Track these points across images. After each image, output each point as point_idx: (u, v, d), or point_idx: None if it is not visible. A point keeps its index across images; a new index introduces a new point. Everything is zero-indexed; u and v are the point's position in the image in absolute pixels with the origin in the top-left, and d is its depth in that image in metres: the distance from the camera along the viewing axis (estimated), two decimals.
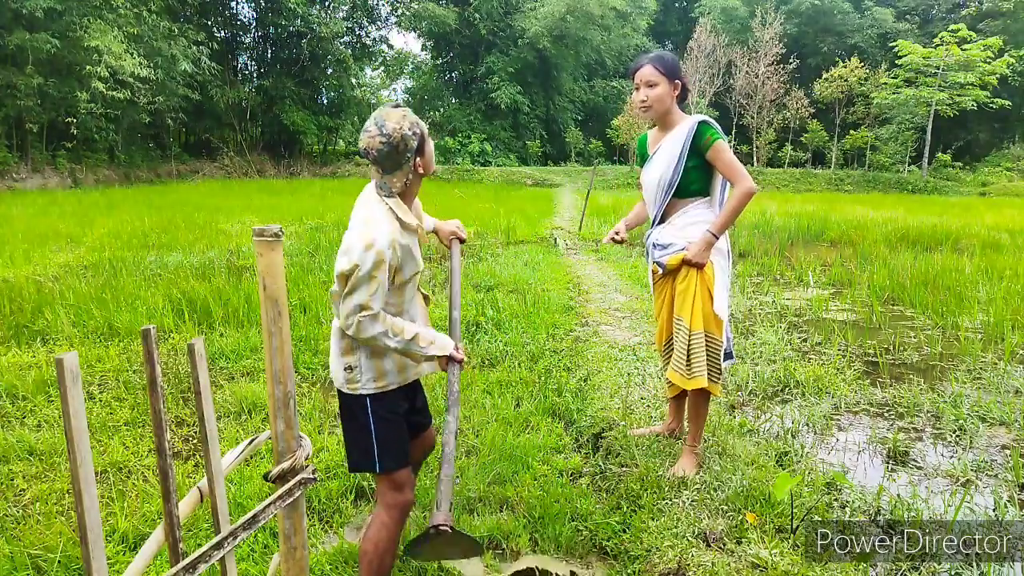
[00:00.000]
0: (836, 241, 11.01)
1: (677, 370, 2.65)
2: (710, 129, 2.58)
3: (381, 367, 1.91)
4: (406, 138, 1.83)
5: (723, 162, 2.58)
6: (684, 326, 2.62)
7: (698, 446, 2.80)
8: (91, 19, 19.82)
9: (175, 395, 3.72)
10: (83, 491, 0.85)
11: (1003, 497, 2.70)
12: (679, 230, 2.68)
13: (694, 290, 2.62)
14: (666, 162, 2.65)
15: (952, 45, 28.84)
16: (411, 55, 39.47)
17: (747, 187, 2.55)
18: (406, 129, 1.83)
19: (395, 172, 1.87)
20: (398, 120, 1.83)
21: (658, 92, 2.59)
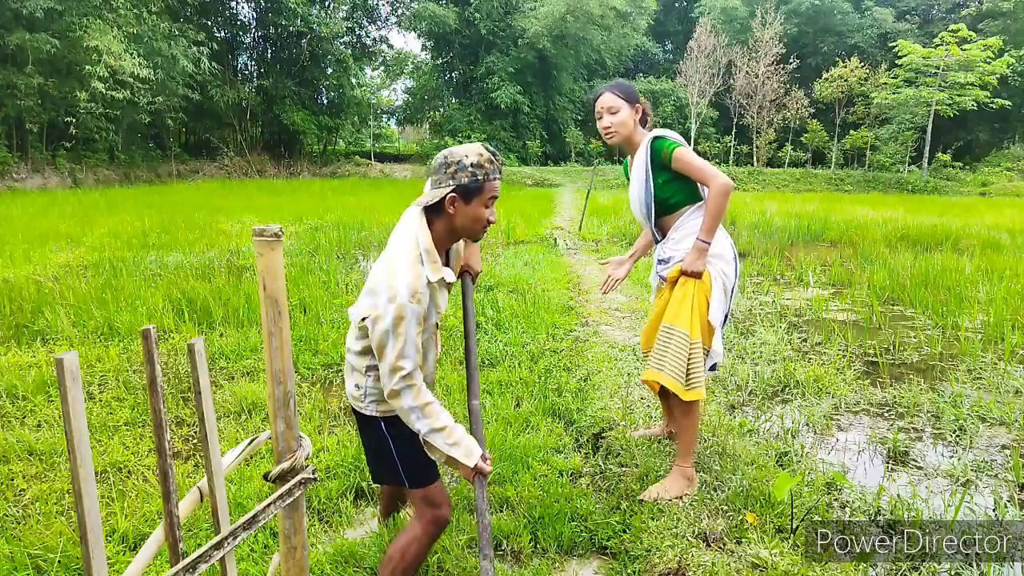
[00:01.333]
0: (836, 241, 11.01)
1: (675, 377, 2.51)
2: (664, 142, 2.58)
3: None
4: (460, 166, 1.77)
5: (690, 167, 2.55)
6: (683, 335, 2.53)
7: (688, 465, 2.63)
8: (91, 19, 19.84)
9: (175, 395, 3.72)
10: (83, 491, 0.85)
11: (1003, 497, 2.70)
12: (677, 243, 2.69)
13: (691, 299, 2.56)
14: (638, 185, 2.69)
15: (952, 45, 28.86)
16: (411, 55, 39.50)
17: (720, 184, 2.49)
18: (467, 161, 1.78)
19: (433, 189, 1.84)
20: (470, 152, 1.80)
21: (620, 117, 2.61)
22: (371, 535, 2.38)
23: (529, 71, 34.56)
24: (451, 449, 1.75)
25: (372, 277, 1.78)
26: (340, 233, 9.87)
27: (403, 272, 1.72)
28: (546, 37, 32.61)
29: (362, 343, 1.82)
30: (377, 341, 1.70)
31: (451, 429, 1.76)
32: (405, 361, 1.69)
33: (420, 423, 1.73)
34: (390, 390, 1.71)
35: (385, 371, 1.71)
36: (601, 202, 16.77)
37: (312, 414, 3.45)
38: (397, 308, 1.67)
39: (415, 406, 1.72)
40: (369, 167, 32.45)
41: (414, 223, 1.83)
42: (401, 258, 1.75)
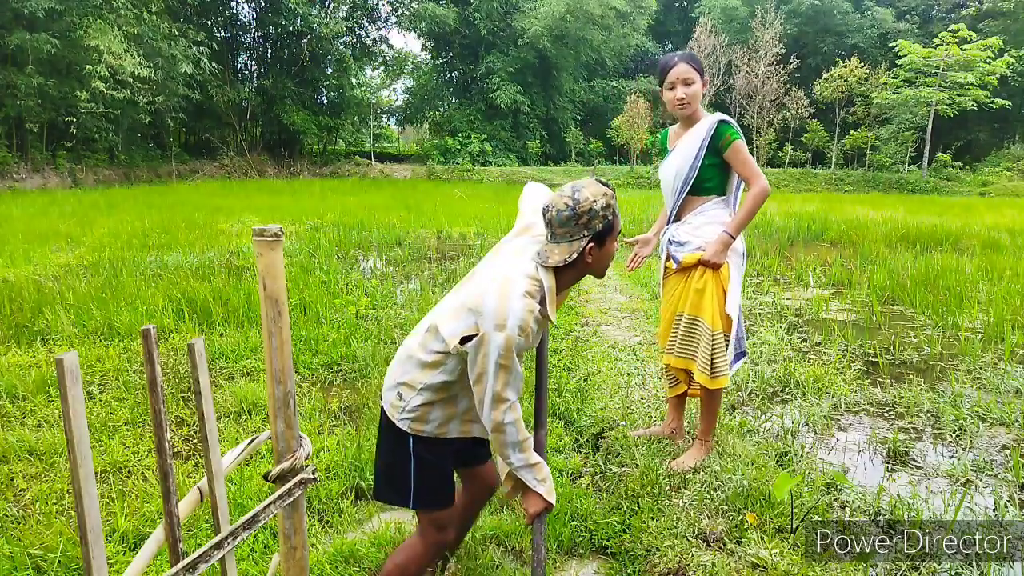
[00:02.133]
0: (836, 241, 11.01)
1: (703, 371, 2.68)
2: (730, 128, 2.63)
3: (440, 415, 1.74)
4: (592, 213, 1.65)
5: (740, 162, 2.63)
6: (705, 326, 2.66)
7: (708, 440, 2.87)
8: (91, 19, 19.84)
9: (175, 395, 3.72)
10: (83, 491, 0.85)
11: (1003, 497, 2.69)
12: (695, 229, 2.72)
13: (712, 290, 2.65)
14: (684, 158, 2.70)
15: (952, 45, 28.85)
16: (411, 55, 39.50)
17: (763, 187, 2.61)
18: (598, 206, 1.65)
19: (562, 243, 1.66)
20: (596, 194, 1.67)
21: (695, 89, 2.64)
22: (371, 535, 2.38)
23: (529, 71, 34.56)
24: (538, 485, 1.75)
25: (474, 293, 1.66)
26: (340, 233, 9.87)
27: (517, 302, 1.60)
28: (546, 37, 32.61)
29: (435, 356, 1.69)
30: (478, 368, 1.61)
31: (541, 465, 1.76)
32: (510, 391, 1.63)
33: (516, 457, 1.71)
34: (496, 423, 1.64)
35: (487, 400, 1.63)
36: None
37: (312, 414, 3.45)
38: (506, 339, 1.58)
39: (518, 441, 1.69)
40: (369, 167, 32.46)
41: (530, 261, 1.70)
42: (518, 287, 1.62)
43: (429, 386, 1.70)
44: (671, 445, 3.03)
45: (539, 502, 1.77)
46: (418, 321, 1.95)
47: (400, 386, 1.73)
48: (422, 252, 8.92)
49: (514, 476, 1.79)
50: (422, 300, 5.87)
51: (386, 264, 8.22)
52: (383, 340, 4.68)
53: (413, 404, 1.71)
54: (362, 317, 5.31)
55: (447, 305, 1.74)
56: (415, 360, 1.72)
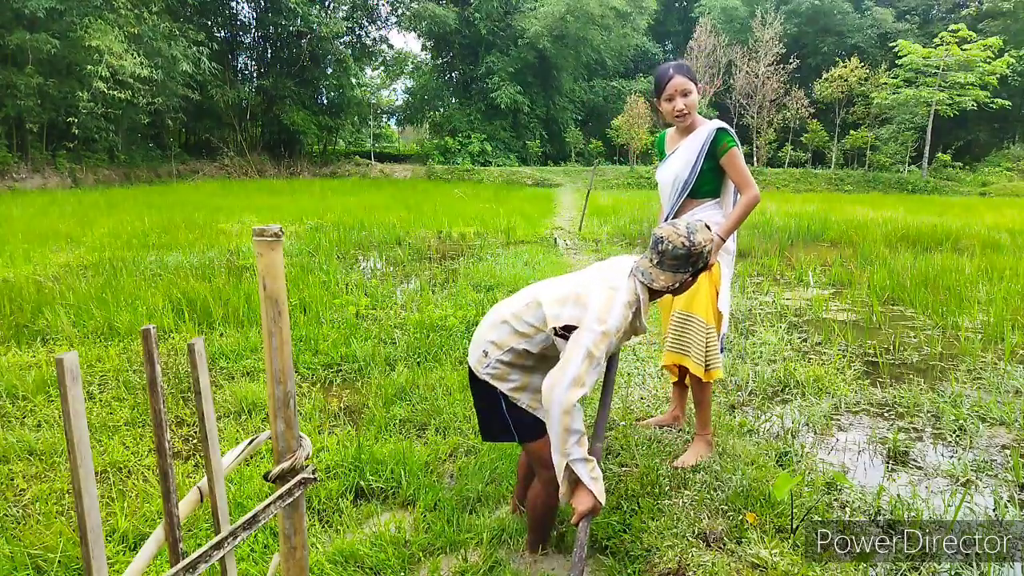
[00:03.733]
0: (836, 241, 11.01)
1: (698, 363, 2.79)
2: (727, 136, 2.76)
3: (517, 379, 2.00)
4: (702, 256, 1.97)
5: (735, 169, 2.77)
6: (700, 321, 2.78)
7: (708, 432, 2.93)
8: (91, 19, 19.84)
9: (175, 395, 3.72)
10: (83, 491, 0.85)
11: (1003, 497, 2.69)
12: None
13: (705, 288, 2.78)
14: (683, 163, 2.82)
15: (952, 45, 28.85)
16: (411, 55, 39.46)
17: (754, 195, 2.76)
18: (707, 250, 1.98)
19: (668, 272, 1.96)
20: (707, 239, 1.98)
21: (693, 99, 2.76)
22: (371, 535, 2.38)
23: (529, 71, 34.54)
24: (592, 482, 1.86)
25: (583, 287, 1.94)
26: (340, 233, 9.87)
27: (619, 307, 1.88)
28: (546, 37, 32.59)
29: (528, 328, 1.94)
30: (570, 351, 1.82)
31: (595, 464, 1.88)
32: (589, 378, 1.81)
33: (575, 449, 1.82)
34: (569, 403, 1.78)
35: (566, 381, 1.79)
36: (601, 202, 16.78)
37: (312, 414, 3.45)
38: (602, 334, 1.82)
39: (579, 430, 1.82)
40: (369, 167, 32.45)
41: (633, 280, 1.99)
42: (621, 296, 1.91)
43: (514, 350, 1.96)
44: (671, 445, 3.03)
45: (590, 500, 1.86)
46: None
47: (489, 344, 2.00)
48: (422, 252, 8.92)
49: (568, 476, 1.87)
50: (422, 300, 5.87)
51: (386, 264, 8.22)
52: (383, 340, 4.68)
53: (496, 361, 1.97)
54: (362, 317, 5.31)
55: (555, 289, 1.99)
56: (508, 326, 1.98)
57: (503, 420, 2.02)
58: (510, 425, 2.02)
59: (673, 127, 2.94)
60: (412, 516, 2.52)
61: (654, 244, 2.00)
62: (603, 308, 1.86)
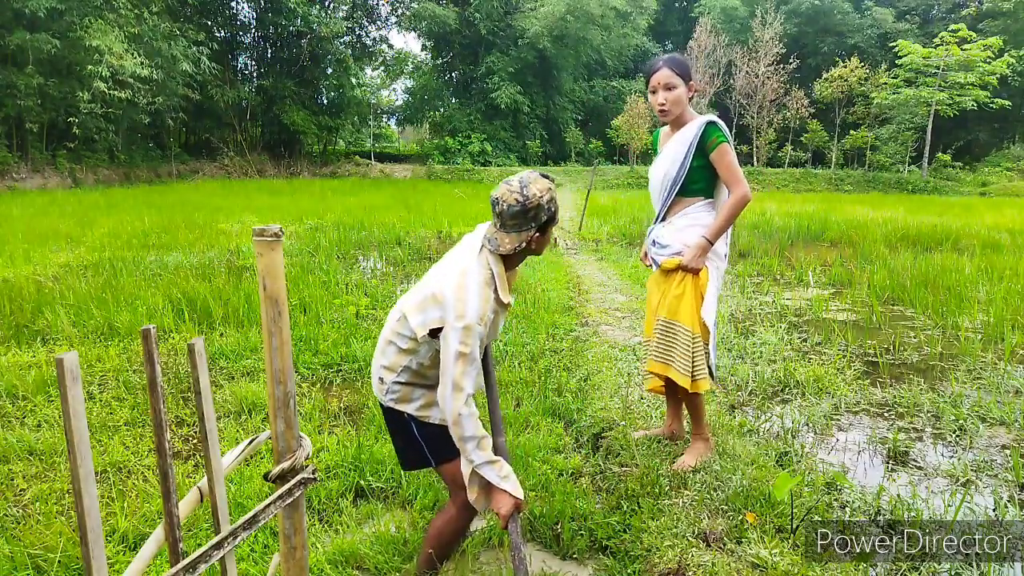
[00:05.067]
0: (836, 241, 11.01)
1: (683, 373, 2.66)
2: (717, 131, 2.60)
3: (420, 397, 1.92)
4: (540, 208, 1.83)
5: (723, 165, 2.61)
6: (685, 330, 2.66)
7: (705, 432, 2.86)
8: (92, 19, 19.84)
9: (175, 395, 3.72)
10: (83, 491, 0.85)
11: (1003, 497, 2.69)
12: (678, 231, 2.72)
13: (690, 294, 2.66)
14: (671, 159, 2.69)
15: (952, 45, 28.83)
16: (411, 55, 39.47)
17: (742, 193, 2.59)
18: (544, 200, 1.83)
19: (511, 233, 1.84)
20: (542, 190, 1.84)
21: (676, 94, 2.61)
22: (371, 535, 2.38)
23: (529, 71, 34.54)
24: (503, 482, 1.80)
25: (436, 284, 1.82)
26: (340, 233, 9.87)
27: (474, 294, 1.77)
28: (546, 37, 32.58)
29: (408, 343, 1.86)
30: (443, 359, 1.76)
31: (502, 463, 1.83)
32: (467, 381, 1.74)
33: (476, 455, 1.78)
34: (455, 413, 1.74)
35: (448, 390, 1.75)
36: (601, 202, 16.77)
37: (312, 414, 3.45)
38: (464, 329, 1.73)
39: (476, 436, 1.77)
40: (369, 167, 32.45)
41: (479, 252, 1.88)
42: (473, 278, 1.80)
43: (407, 368, 1.88)
44: (671, 445, 3.03)
45: (507, 499, 1.81)
46: None
47: (382, 369, 1.92)
48: (422, 252, 8.92)
49: (478, 481, 1.84)
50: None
51: (386, 264, 8.22)
52: None
53: (393, 384, 1.89)
54: (362, 317, 5.31)
55: (414, 295, 1.89)
56: (393, 346, 1.90)
57: (417, 445, 1.94)
58: (424, 449, 1.94)
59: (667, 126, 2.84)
60: (412, 516, 2.52)
61: (493, 207, 1.86)
62: (458, 300, 1.75)
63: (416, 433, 1.93)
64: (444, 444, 1.91)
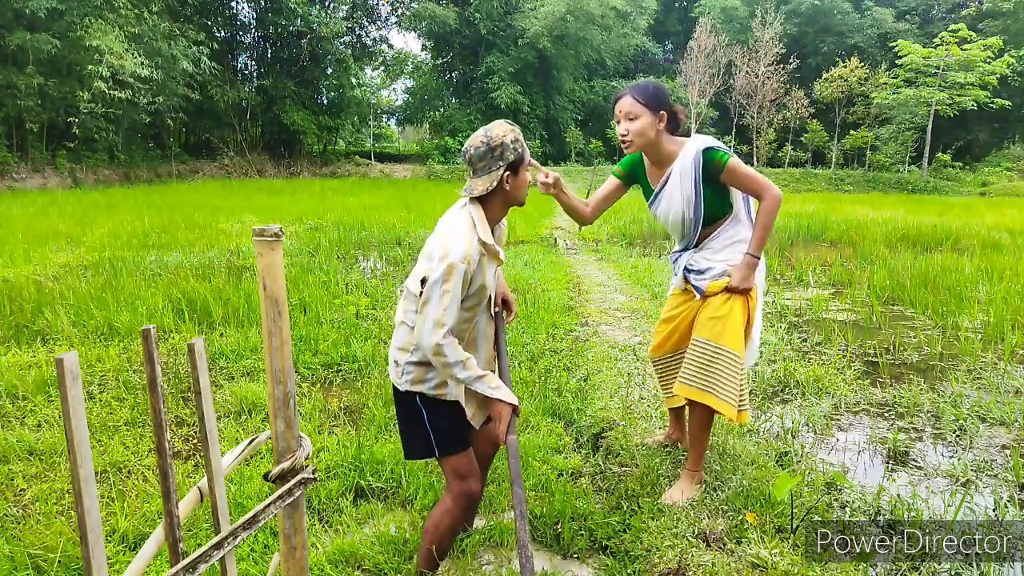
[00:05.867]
0: (836, 241, 11.01)
1: (727, 402, 2.44)
2: (717, 153, 2.42)
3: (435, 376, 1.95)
4: (504, 146, 1.90)
5: (741, 179, 2.44)
6: (732, 356, 2.45)
7: (699, 471, 2.63)
8: (92, 19, 19.85)
9: (175, 395, 3.72)
10: (83, 491, 0.85)
11: (1003, 497, 2.69)
12: (715, 253, 2.55)
13: (738, 316, 2.47)
14: (684, 200, 2.49)
15: (952, 45, 28.85)
16: (411, 55, 39.44)
17: (775, 196, 2.41)
18: (508, 139, 1.91)
19: (482, 175, 1.91)
20: (505, 131, 1.93)
21: (639, 125, 2.40)
22: (371, 535, 2.37)
23: (529, 71, 34.54)
24: (495, 392, 1.87)
25: (427, 246, 1.92)
26: (340, 233, 9.87)
27: (457, 235, 1.86)
28: (546, 37, 32.59)
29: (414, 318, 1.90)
30: (424, 296, 1.81)
31: (491, 376, 1.89)
32: (447, 316, 1.79)
33: (463, 374, 1.84)
34: (434, 345, 1.79)
35: (428, 326, 1.79)
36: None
37: (312, 414, 3.45)
38: (448, 266, 1.79)
39: (459, 360, 1.82)
40: (369, 167, 32.45)
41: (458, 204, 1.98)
42: (455, 225, 1.90)
43: (419, 347, 1.89)
44: (672, 447, 3.02)
45: (503, 406, 1.89)
46: None
47: (396, 352, 1.97)
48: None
49: (473, 398, 1.94)
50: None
51: (386, 264, 8.22)
52: (383, 340, 4.68)
53: (407, 364, 1.93)
54: (362, 317, 5.31)
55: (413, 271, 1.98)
56: (404, 326, 1.95)
57: (425, 435, 1.97)
58: (431, 440, 1.97)
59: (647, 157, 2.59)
60: (411, 516, 2.52)
61: (463, 157, 1.96)
62: (441, 245, 1.85)
63: (427, 423, 1.97)
64: (451, 437, 1.98)
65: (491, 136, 1.90)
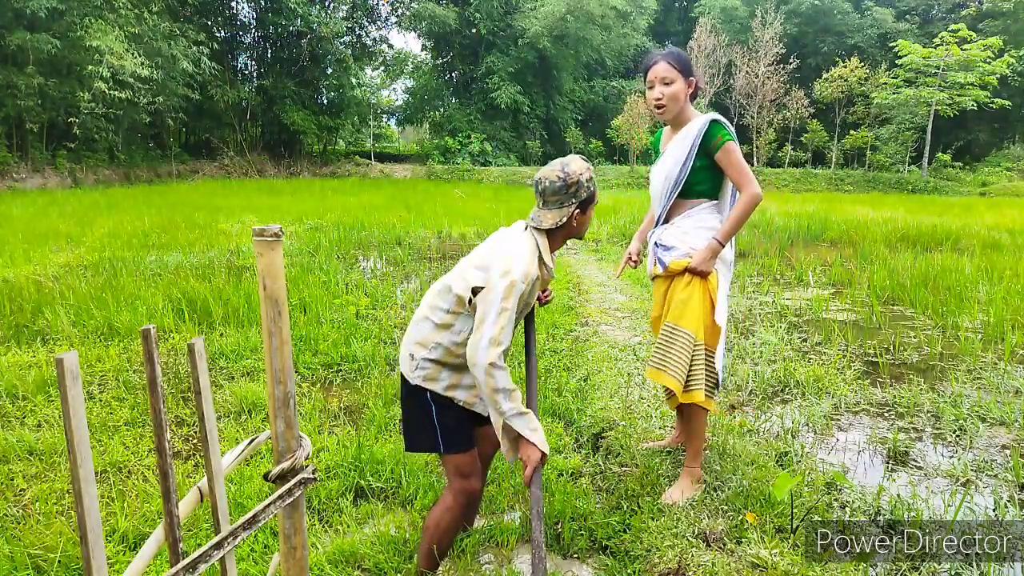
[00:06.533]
0: (836, 241, 11.01)
1: (676, 378, 2.45)
2: (722, 129, 2.45)
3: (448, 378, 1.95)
4: (581, 184, 1.93)
5: (731, 165, 2.46)
6: (687, 336, 2.47)
7: (697, 467, 2.62)
8: (92, 19, 19.85)
9: (175, 395, 3.72)
10: (83, 491, 0.85)
11: (1003, 497, 2.69)
12: (683, 233, 2.57)
13: (698, 299, 2.49)
14: (673, 160, 2.52)
15: (952, 45, 28.83)
16: (411, 55, 39.44)
17: (753, 193, 2.45)
18: (583, 178, 1.94)
19: (553, 209, 1.94)
20: (582, 168, 1.95)
21: (674, 90, 2.47)
22: (371, 535, 2.37)
23: (529, 71, 34.54)
24: (532, 434, 1.85)
25: (481, 254, 1.93)
26: (340, 233, 9.87)
27: (522, 256, 1.87)
28: (546, 37, 32.59)
29: (444, 318, 1.91)
30: (481, 311, 1.81)
31: (531, 416, 1.88)
32: (504, 335, 1.79)
33: (506, 404, 1.82)
34: (487, 364, 1.78)
35: (483, 343, 1.78)
36: (601, 202, 16.78)
37: (312, 414, 3.45)
38: (510, 284, 1.80)
39: (508, 388, 1.81)
40: (369, 167, 32.45)
41: (521, 228, 2.00)
42: (521, 247, 1.91)
43: (439, 345, 1.92)
44: (671, 446, 3.02)
45: (534, 451, 1.85)
46: None
47: (414, 345, 1.96)
48: (422, 252, 8.92)
49: (509, 434, 1.88)
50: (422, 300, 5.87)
51: (386, 264, 8.22)
52: (383, 340, 4.68)
53: (423, 360, 1.93)
54: (362, 317, 5.31)
55: (458, 269, 1.96)
56: (428, 322, 1.95)
57: (432, 429, 1.96)
58: (438, 435, 1.96)
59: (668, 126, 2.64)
60: (411, 516, 2.52)
61: (535, 187, 1.97)
62: (504, 259, 1.85)
63: (435, 418, 1.96)
64: (458, 435, 1.98)
65: (568, 172, 1.92)
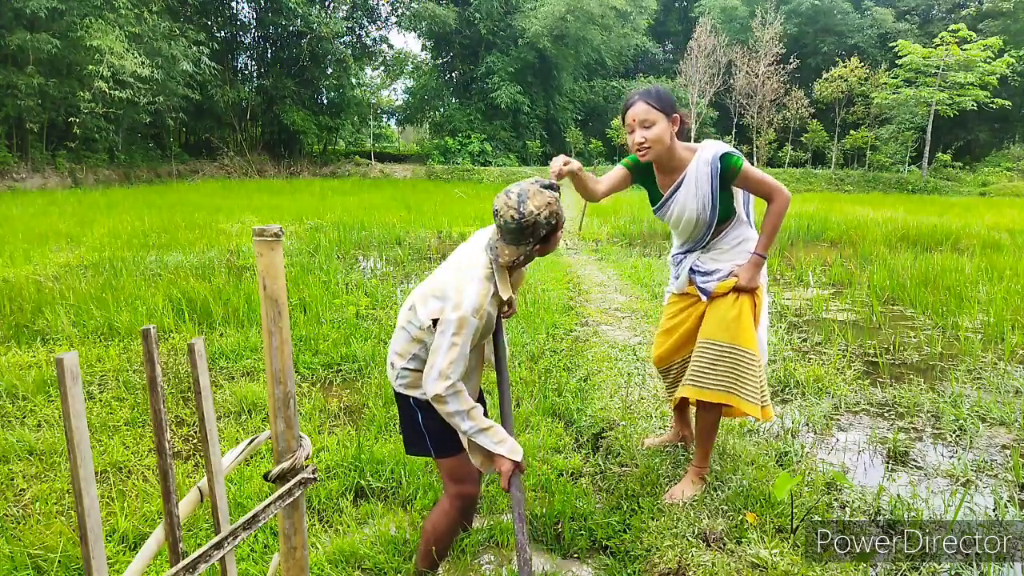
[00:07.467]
0: (836, 241, 11.01)
1: (751, 401, 2.41)
2: (732, 158, 2.39)
3: None
4: (538, 225, 1.78)
5: (753, 183, 2.43)
6: (749, 354, 2.43)
7: (705, 468, 2.64)
8: (92, 19, 19.85)
9: (175, 395, 3.72)
10: (83, 491, 0.85)
11: (1003, 497, 2.69)
12: (723, 255, 2.55)
13: (748, 315, 2.46)
14: (699, 204, 2.45)
15: (952, 45, 28.83)
16: (411, 55, 39.46)
17: (786, 198, 2.43)
18: (542, 217, 1.78)
19: (510, 246, 1.82)
20: (540, 204, 1.78)
21: (656, 132, 2.32)
22: (371, 535, 2.37)
23: (529, 71, 34.54)
24: (497, 447, 1.84)
25: (440, 279, 1.88)
26: (340, 233, 9.87)
27: (472, 286, 1.80)
28: (546, 37, 32.59)
29: (417, 332, 1.90)
30: (436, 342, 1.79)
31: (496, 429, 1.86)
32: (453, 370, 1.77)
33: (465, 424, 1.82)
34: (435, 395, 1.79)
35: (433, 375, 1.78)
36: (601, 203, 16.76)
37: (312, 414, 3.45)
38: (459, 320, 1.76)
39: (461, 410, 1.81)
40: (369, 167, 32.46)
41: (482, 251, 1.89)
42: (473, 272, 1.84)
43: (416, 356, 1.91)
44: (671, 446, 3.02)
45: (505, 462, 1.86)
46: None
47: (394, 355, 1.97)
48: (422, 252, 8.92)
49: (479, 449, 1.90)
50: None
51: (386, 264, 8.22)
52: (383, 340, 4.68)
53: (403, 370, 1.93)
54: (362, 317, 5.31)
55: (423, 288, 1.93)
56: (405, 333, 1.94)
57: (420, 434, 1.97)
58: (427, 439, 1.96)
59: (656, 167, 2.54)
60: (411, 516, 2.52)
61: (494, 215, 1.83)
62: (456, 293, 1.78)
63: (421, 424, 1.96)
64: (447, 440, 1.96)
65: (523, 213, 1.76)
